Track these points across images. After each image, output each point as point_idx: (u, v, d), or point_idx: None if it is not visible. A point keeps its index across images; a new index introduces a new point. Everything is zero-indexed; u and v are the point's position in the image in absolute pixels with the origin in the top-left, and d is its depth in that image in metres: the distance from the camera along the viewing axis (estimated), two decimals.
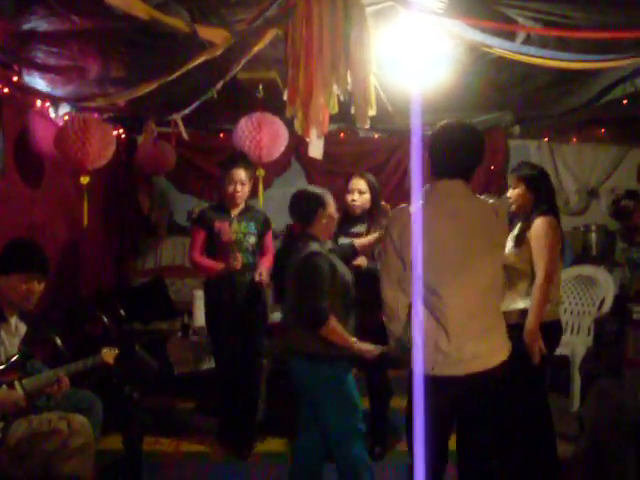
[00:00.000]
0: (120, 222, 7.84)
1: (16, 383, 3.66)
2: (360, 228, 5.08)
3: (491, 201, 3.46)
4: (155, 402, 6.03)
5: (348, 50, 2.97)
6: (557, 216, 4.40)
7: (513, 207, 4.47)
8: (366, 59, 3.00)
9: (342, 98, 3.08)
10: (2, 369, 3.64)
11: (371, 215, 5.09)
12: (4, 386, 3.60)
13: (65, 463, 3.61)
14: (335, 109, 3.09)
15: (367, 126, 3.10)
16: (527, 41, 3.62)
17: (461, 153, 3.31)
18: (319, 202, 3.93)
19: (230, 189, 5.19)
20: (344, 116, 3.51)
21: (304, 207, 3.97)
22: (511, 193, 4.46)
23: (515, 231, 4.40)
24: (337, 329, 3.70)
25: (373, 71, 3.09)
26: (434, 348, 3.26)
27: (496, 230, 3.41)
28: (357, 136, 7.66)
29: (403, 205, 3.40)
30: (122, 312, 6.57)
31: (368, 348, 3.78)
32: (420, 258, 3.11)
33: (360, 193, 5.05)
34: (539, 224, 4.27)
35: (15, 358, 3.73)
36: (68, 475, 3.60)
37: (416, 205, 3.27)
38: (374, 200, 5.10)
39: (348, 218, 5.09)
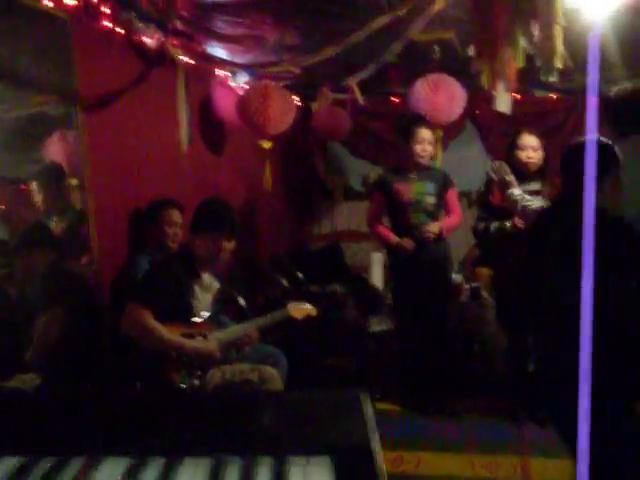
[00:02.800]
0: (297, 187, 8.04)
1: (210, 335, 3.86)
2: (535, 186, 4.90)
3: None
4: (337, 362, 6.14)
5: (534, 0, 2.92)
6: None
7: None
8: (553, 8, 2.93)
9: (529, 50, 3.03)
10: (197, 322, 3.85)
11: (544, 173, 4.96)
12: (199, 337, 3.81)
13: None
14: (521, 62, 3.04)
15: (554, 79, 3.04)
16: None
17: None
18: None
19: (418, 149, 5.17)
20: (520, 77, 3.45)
21: None
22: None
23: None
24: None
25: (560, 21, 3.01)
26: None
27: None
28: (534, 96, 7.45)
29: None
30: (300, 275, 6.75)
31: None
32: None
33: (534, 150, 4.92)
34: None
35: (209, 312, 3.93)
36: None
37: None
38: (546, 158, 4.96)
39: (521, 176, 4.83)
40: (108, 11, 4.18)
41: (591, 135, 1.52)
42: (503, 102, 3.51)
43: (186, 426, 1.85)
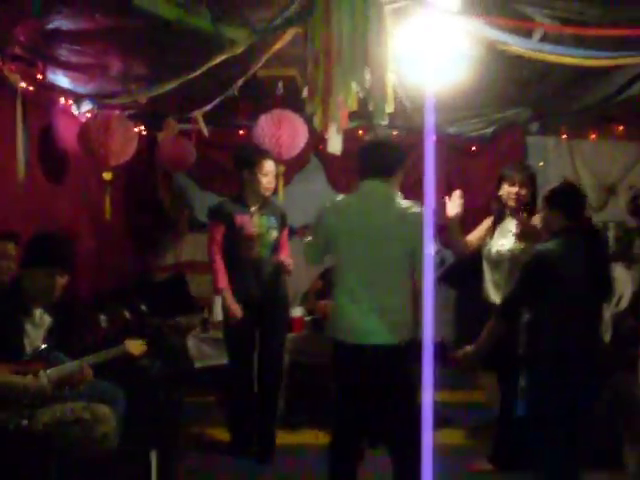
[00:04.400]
0: (141, 218, 7.91)
1: (41, 372, 3.72)
2: None
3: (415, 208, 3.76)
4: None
5: (367, 48, 3.02)
6: None
7: (512, 203, 4.68)
8: (384, 57, 3.06)
9: (361, 95, 3.14)
10: (28, 360, 3.72)
11: None
12: (30, 375, 3.67)
13: (87, 450, 3.68)
14: (354, 106, 3.13)
15: (385, 122, 3.16)
16: (544, 39, 3.67)
17: (382, 158, 3.90)
18: None
19: (264, 181, 5.02)
20: (363, 113, 3.58)
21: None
22: (518, 191, 4.66)
23: (512, 227, 4.60)
24: None
25: (391, 69, 3.14)
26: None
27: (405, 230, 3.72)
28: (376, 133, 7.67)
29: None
30: (143, 307, 6.64)
31: None
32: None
33: None
34: None
35: (40, 349, 3.81)
36: None
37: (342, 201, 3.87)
38: None
39: None
40: None
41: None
42: (334, 144, 3.60)
43: None
